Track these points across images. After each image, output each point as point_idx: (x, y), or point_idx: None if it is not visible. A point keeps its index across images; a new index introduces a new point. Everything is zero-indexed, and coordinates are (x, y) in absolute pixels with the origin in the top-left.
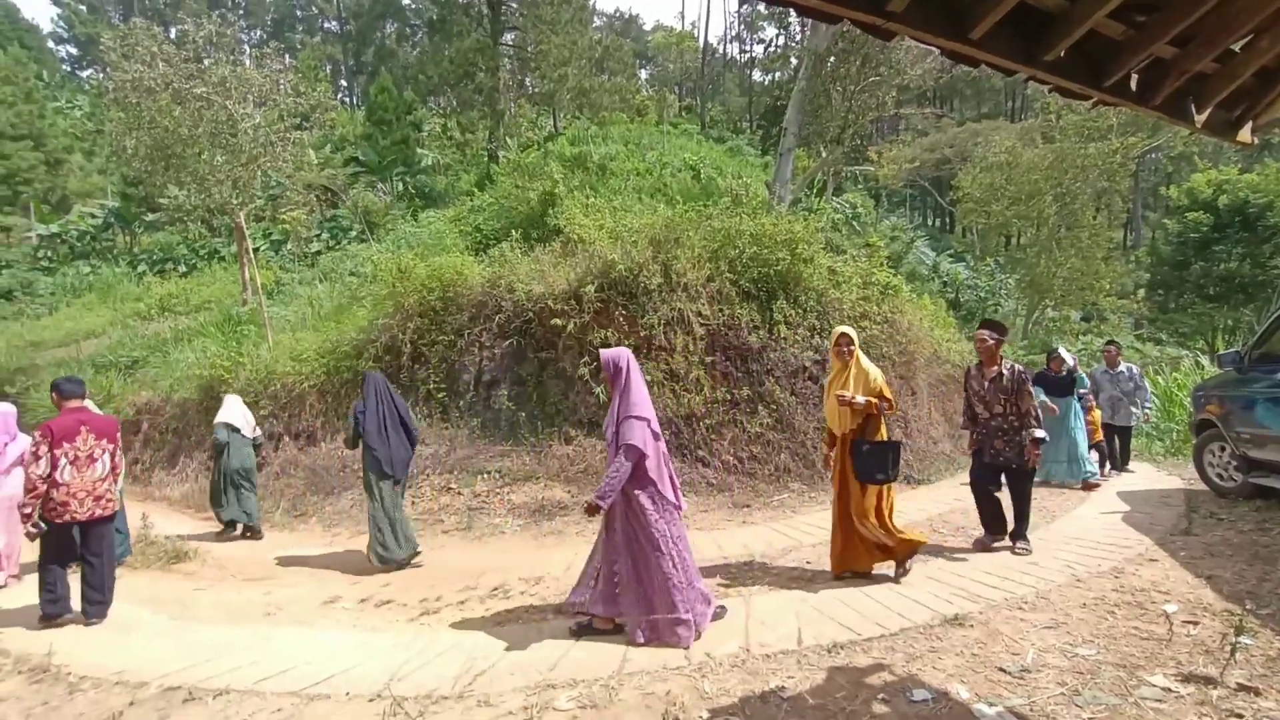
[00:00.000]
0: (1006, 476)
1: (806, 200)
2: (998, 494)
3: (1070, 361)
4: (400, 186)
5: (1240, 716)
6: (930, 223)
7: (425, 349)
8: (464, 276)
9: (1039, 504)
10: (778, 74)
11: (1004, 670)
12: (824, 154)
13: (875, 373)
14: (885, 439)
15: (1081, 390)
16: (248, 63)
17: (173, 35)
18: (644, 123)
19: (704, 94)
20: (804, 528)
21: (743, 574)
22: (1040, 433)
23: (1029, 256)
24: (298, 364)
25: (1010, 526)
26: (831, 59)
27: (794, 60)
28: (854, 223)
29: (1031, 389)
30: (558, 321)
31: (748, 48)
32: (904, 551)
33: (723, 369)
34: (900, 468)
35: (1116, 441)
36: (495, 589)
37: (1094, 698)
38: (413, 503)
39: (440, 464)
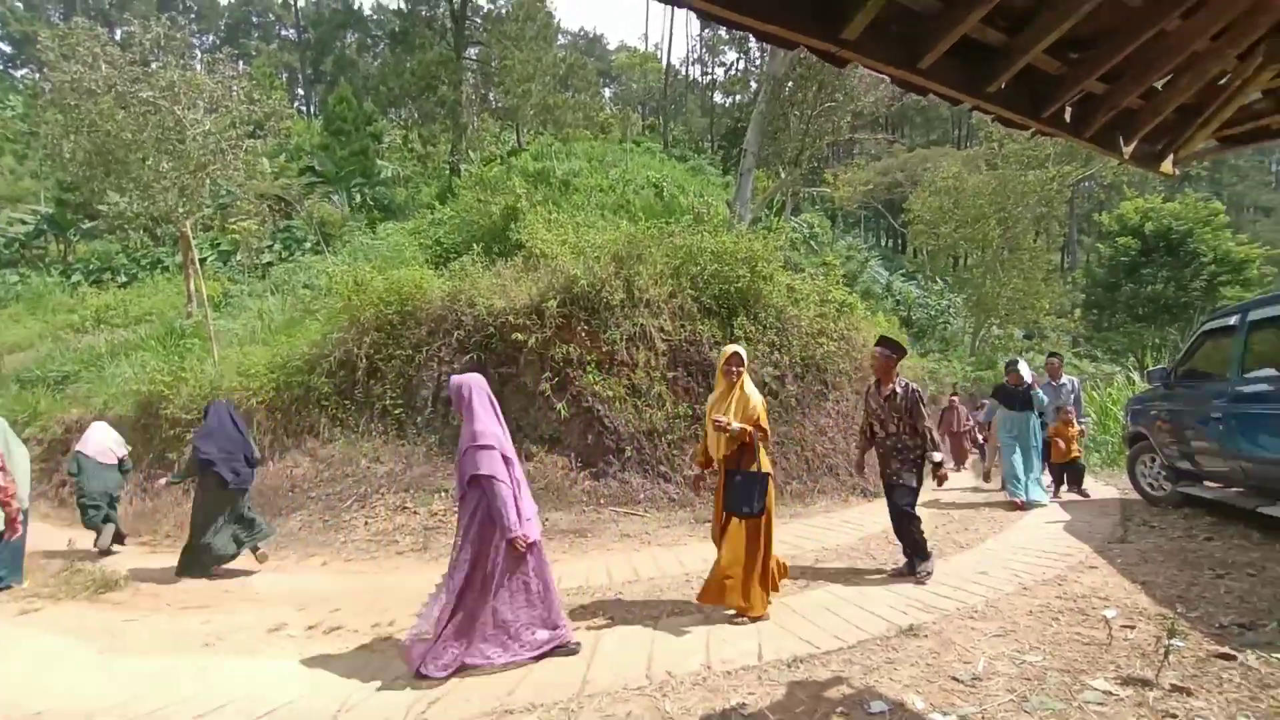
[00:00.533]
0: (888, 495)
1: (766, 219)
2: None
3: (1028, 377)
4: (358, 198)
5: (1174, 717)
6: (883, 243)
7: (381, 364)
8: (423, 290)
9: (989, 515)
10: (738, 97)
11: (957, 679)
12: (783, 175)
13: (757, 399)
14: (759, 470)
15: (1041, 408)
16: (199, 67)
17: (118, 37)
18: (607, 140)
19: (667, 114)
20: None
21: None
22: (939, 455)
23: (975, 277)
24: (245, 379)
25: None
26: (790, 84)
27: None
28: (811, 242)
29: (925, 406)
30: (519, 336)
31: (709, 70)
32: (755, 611)
33: (684, 384)
34: (767, 501)
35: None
36: None
37: (1041, 703)
38: (365, 523)
39: (395, 482)
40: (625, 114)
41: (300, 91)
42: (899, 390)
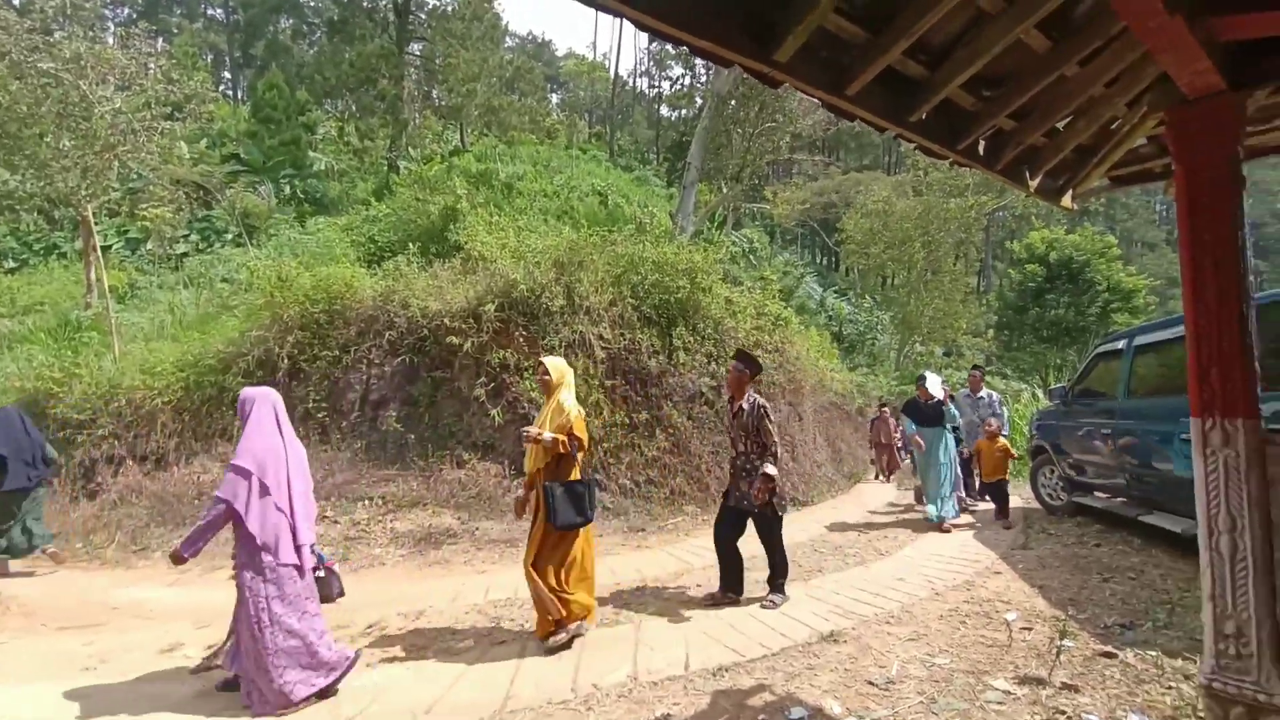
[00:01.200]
0: (752, 522)
1: (707, 232)
2: (737, 543)
3: (938, 392)
4: (287, 189)
5: (1064, 713)
6: (818, 260)
7: (305, 365)
8: (354, 289)
9: (909, 523)
10: (684, 111)
11: (872, 683)
12: (724, 190)
13: (570, 409)
14: (578, 479)
15: (953, 424)
16: (111, 41)
17: (16, 2)
18: (553, 146)
19: (613, 123)
20: (696, 550)
21: (634, 599)
22: (770, 469)
23: (901, 296)
24: (150, 377)
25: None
26: (733, 102)
27: (699, 100)
28: (751, 256)
29: (771, 422)
30: (454, 340)
31: (656, 83)
32: (571, 619)
33: (622, 393)
34: (595, 509)
35: (978, 468)
36: (370, 626)
37: (948, 704)
38: None
39: (317, 490)
40: (572, 120)
41: (227, 75)
42: (745, 407)
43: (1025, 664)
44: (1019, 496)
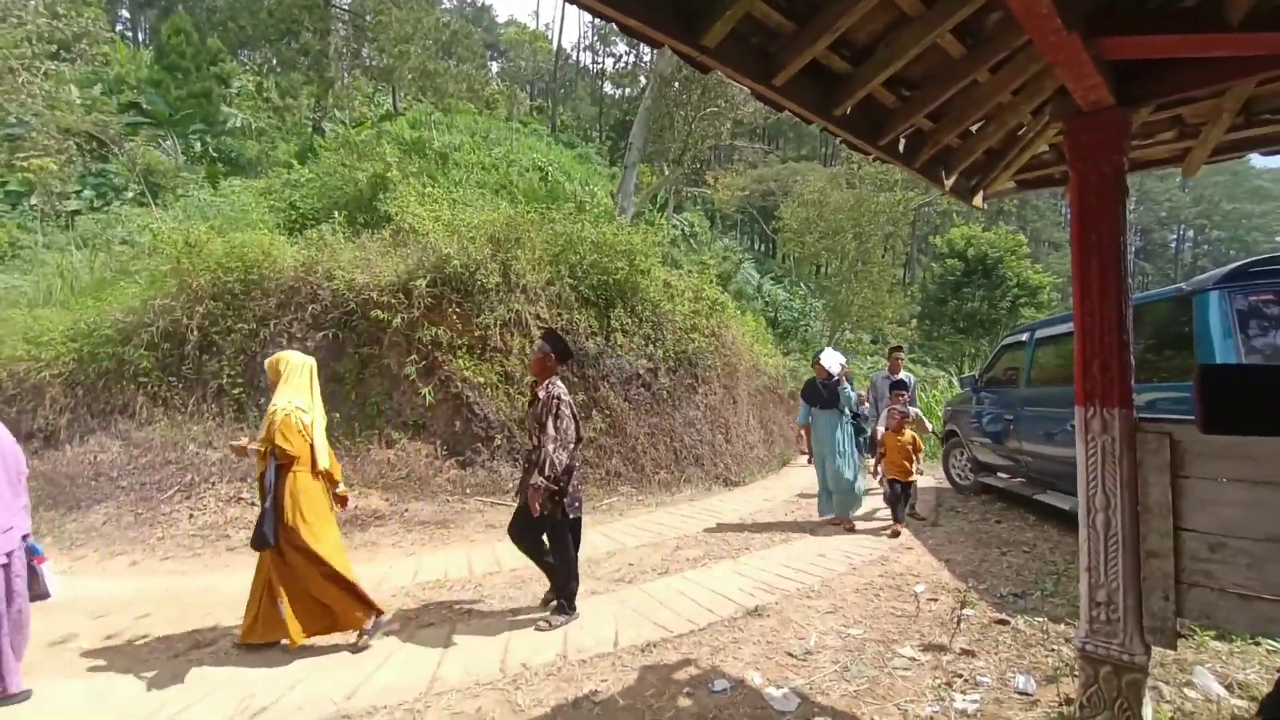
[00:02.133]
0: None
1: (648, 214)
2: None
3: (834, 370)
4: (197, 146)
5: (961, 675)
6: (756, 247)
7: (218, 337)
8: (272, 258)
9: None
10: (627, 90)
11: (791, 654)
12: (666, 172)
13: (277, 412)
14: (272, 500)
15: (857, 409)
16: None
17: None
18: (493, 117)
19: (555, 97)
20: (630, 530)
21: None
22: (538, 478)
23: (833, 285)
24: (36, 347)
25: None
26: (676, 84)
27: (642, 79)
28: (691, 240)
29: (562, 419)
30: (380, 315)
31: (600, 59)
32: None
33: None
34: (273, 536)
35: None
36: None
37: (859, 672)
38: (190, 516)
39: (230, 470)
40: (513, 92)
41: (125, 14)
42: (541, 396)
43: (930, 632)
44: (933, 478)
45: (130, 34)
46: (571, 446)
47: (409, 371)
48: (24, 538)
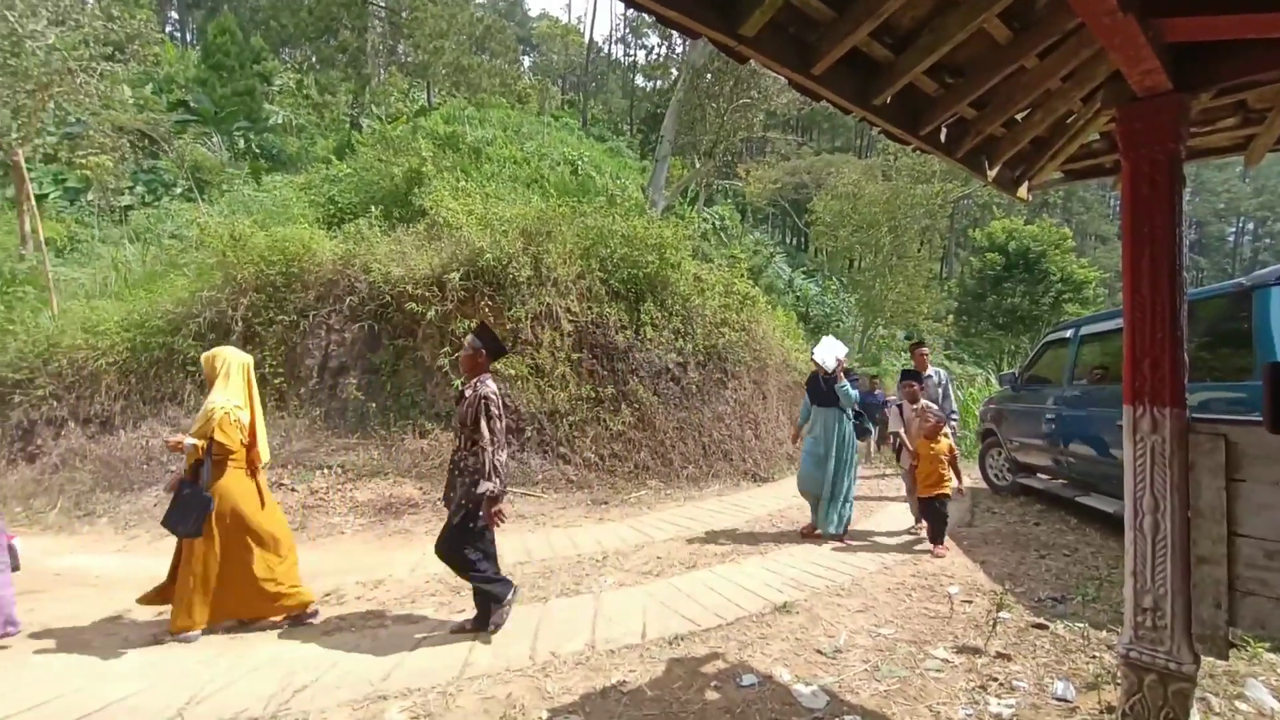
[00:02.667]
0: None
1: (679, 208)
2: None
3: (830, 364)
4: (241, 143)
5: (996, 679)
6: (788, 241)
7: (261, 329)
8: (312, 251)
9: (862, 502)
10: (659, 82)
11: (820, 652)
12: (697, 165)
13: (215, 408)
14: (203, 490)
15: (855, 405)
16: None
17: None
18: (525, 111)
19: (587, 91)
20: (658, 524)
21: (595, 571)
22: (486, 485)
23: (867, 279)
24: (93, 337)
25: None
26: (709, 76)
27: (674, 71)
28: (721, 234)
29: (492, 419)
30: (415, 307)
31: (631, 52)
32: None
33: (589, 366)
34: (195, 523)
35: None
36: (328, 595)
37: (890, 672)
38: None
39: (273, 457)
40: (544, 85)
41: (174, 15)
42: (468, 395)
43: (964, 635)
44: (968, 477)
45: (178, 34)
46: (505, 447)
47: (442, 363)
48: None
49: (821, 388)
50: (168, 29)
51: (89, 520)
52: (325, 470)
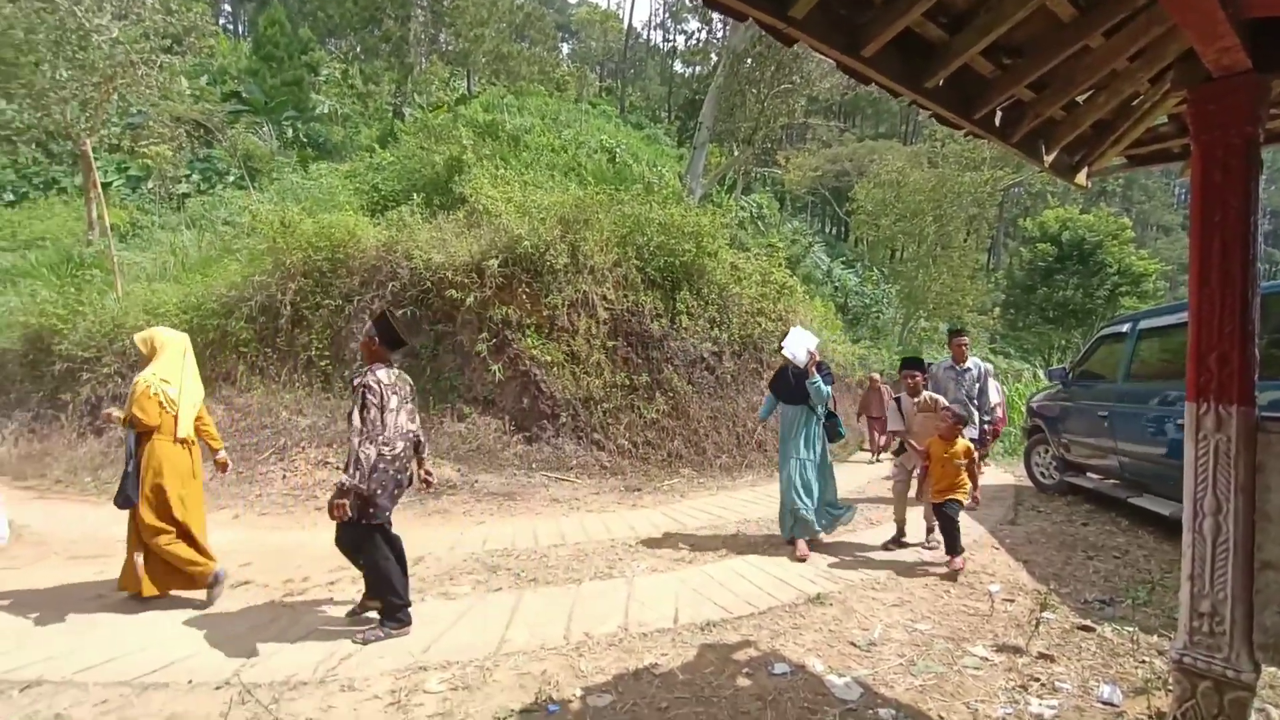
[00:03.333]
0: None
1: (716, 196)
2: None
3: (801, 357)
4: (289, 132)
5: (1038, 680)
6: (827, 230)
7: (308, 313)
8: (356, 238)
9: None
10: (698, 68)
11: (854, 644)
12: (736, 152)
13: (138, 384)
14: (133, 466)
15: (827, 404)
16: None
17: None
18: (563, 98)
19: (625, 77)
20: (690, 512)
21: (627, 556)
22: (344, 476)
23: (909, 270)
24: (153, 318)
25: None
26: (749, 61)
27: (714, 57)
28: (759, 222)
29: (369, 410)
30: (454, 293)
31: (671, 37)
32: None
33: (624, 354)
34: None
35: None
36: None
37: (926, 667)
38: (283, 476)
39: (319, 436)
40: (582, 72)
41: (227, 7)
42: (355, 384)
43: (1005, 633)
44: (1012, 475)
45: (231, 26)
46: (382, 441)
47: (480, 349)
48: None
49: (790, 383)
50: (221, 21)
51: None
52: None
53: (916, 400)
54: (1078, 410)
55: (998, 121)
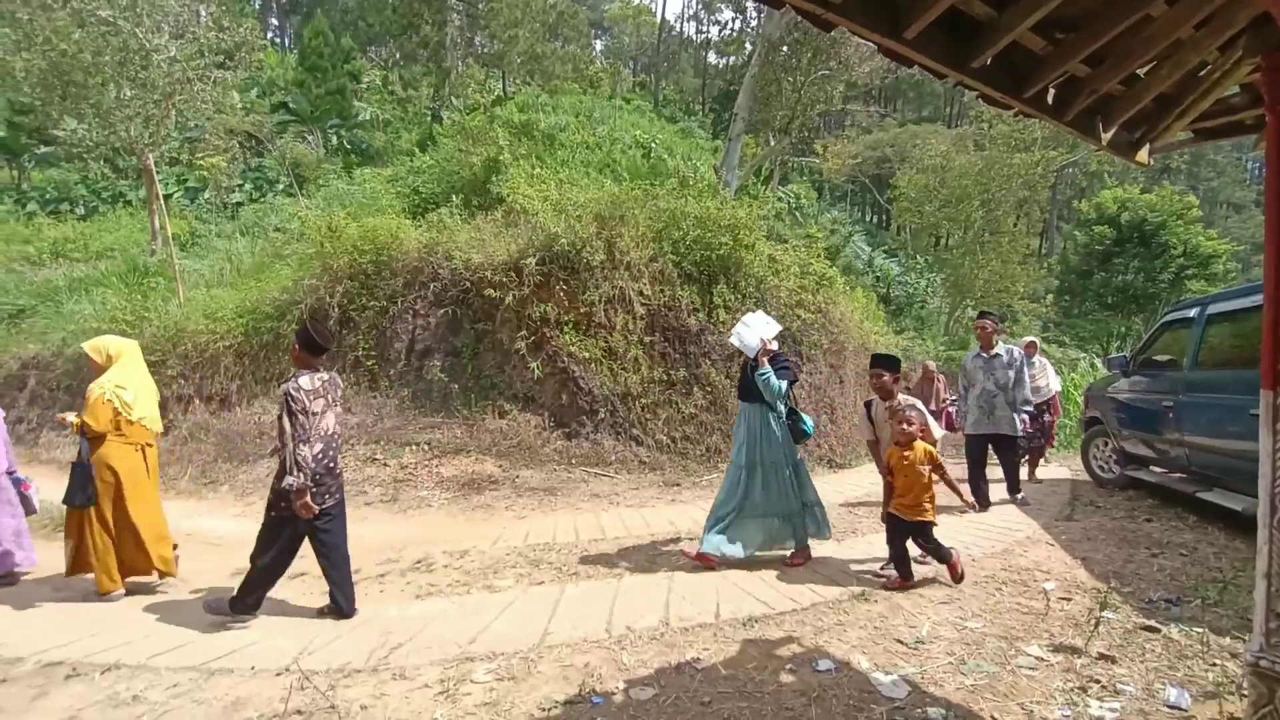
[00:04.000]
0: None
1: (752, 187)
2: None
3: (752, 345)
4: (334, 140)
5: (1098, 681)
6: (868, 218)
7: (355, 314)
8: (399, 240)
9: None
10: (732, 58)
11: (901, 642)
12: (772, 143)
13: (92, 390)
14: (86, 461)
15: (781, 400)
16: None
17: None
18: (597, 95)
19: (659, 71)
20: None
21: (668, 550)
22: (288, 480)
23: (955, 257)
24: (212, 322)
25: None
26: (785, 48)
27: (748, 46)
28: (796, 213)
29: (293, 417)
30: (493, 292)
31: (705, 28)
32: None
33: (661, 349)
34: (83, 496)
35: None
36: (418, 562)
37: (977, 666)
38: None
39: (366, 434)
40: (616, 68)
41: (274, 21)
42: (280, 392)
43: (1061, 633)
44: (1068, 469)
45: (278, 39)
46: (311, 440)
47: (519, 346)
48: (9, 472)
49: (747, 376)
50: (269, 35)
51: (213, 487)
52: (413, 447)
53: (887, 405)
54: (1140, 400)
55: (1050, 100)
